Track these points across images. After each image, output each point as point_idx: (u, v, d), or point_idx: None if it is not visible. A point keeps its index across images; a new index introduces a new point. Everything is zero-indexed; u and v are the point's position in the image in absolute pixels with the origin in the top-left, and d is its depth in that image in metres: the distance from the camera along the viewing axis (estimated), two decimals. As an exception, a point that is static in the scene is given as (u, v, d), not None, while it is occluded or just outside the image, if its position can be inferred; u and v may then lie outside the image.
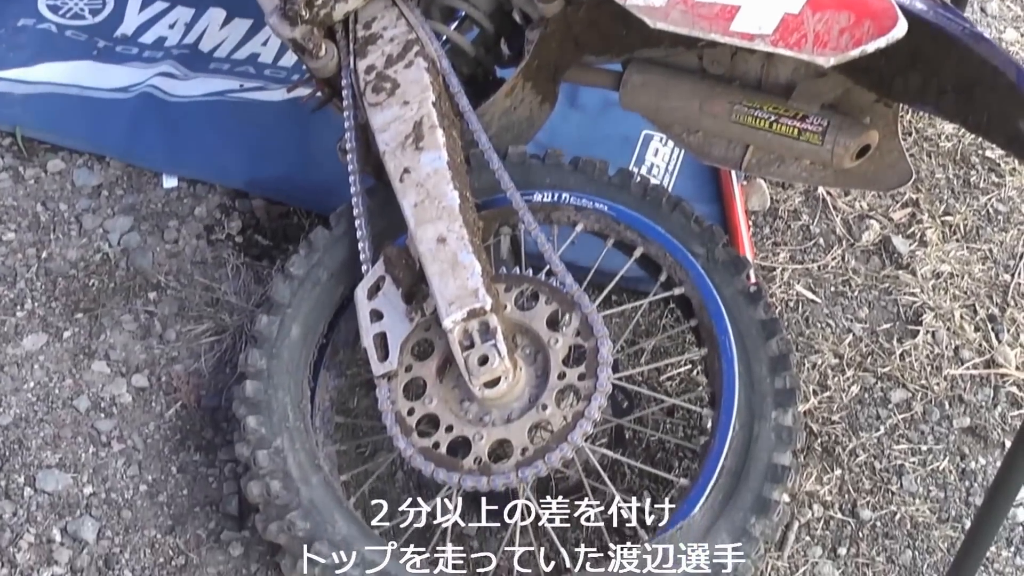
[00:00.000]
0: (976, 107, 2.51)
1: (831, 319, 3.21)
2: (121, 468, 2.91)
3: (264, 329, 2.76)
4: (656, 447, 2.97)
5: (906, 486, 2.92)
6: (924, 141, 3.60)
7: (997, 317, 3.21)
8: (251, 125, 3.57)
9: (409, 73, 2.81)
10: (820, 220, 3.41)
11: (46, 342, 3.11)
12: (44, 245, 3.31)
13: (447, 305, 2.51)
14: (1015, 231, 3.40)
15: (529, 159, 2.89)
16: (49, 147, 3.58)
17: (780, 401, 2.59)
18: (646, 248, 2.80)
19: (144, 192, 3.47)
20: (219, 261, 3.30)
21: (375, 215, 2.81)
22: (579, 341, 2.54)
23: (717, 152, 2.96)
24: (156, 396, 3.04)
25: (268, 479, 2.57)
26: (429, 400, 2.58)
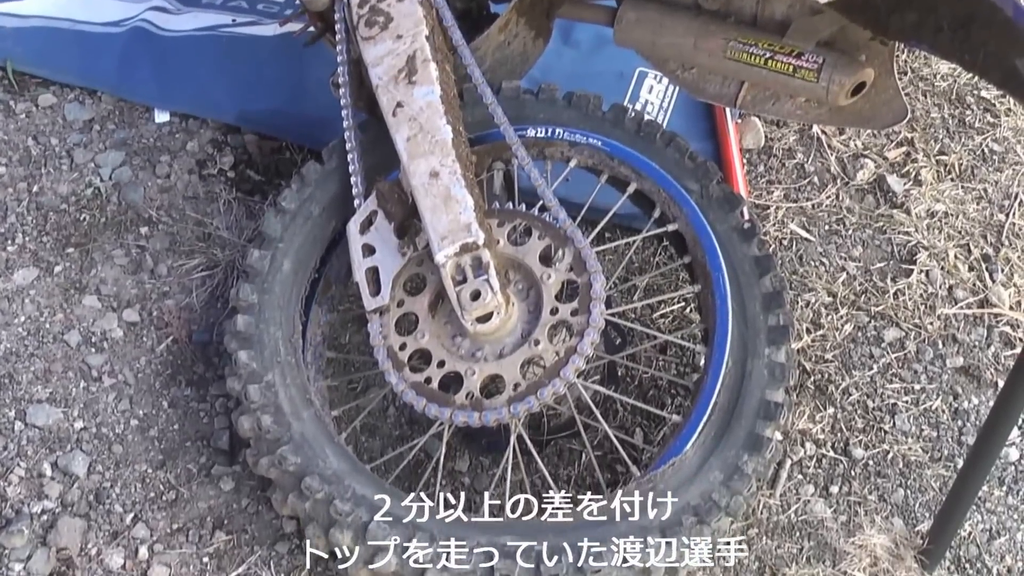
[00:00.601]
0: (972, 45, 2.48)
1: (825, 257, 3.19)
2: (112, 403, 2.89)
3: (256, 263, 2.74)
4: (649, 384, 2.95)
5: (899, 425, 2.91)
6: (919, 81, 3.57)
7: (991, 257, 3.19)
8: (243, 60, 3.54)
9: (402, 7, 2.77)
10: (815, 159, 3.39)
11: (37, 276, 3.08)
12: (35, 179, 3.28)
13: (439, 239, 2.49)
14: (1010, 171, 3.38)
15: (523, 94, 2.87)
16: (40, 81, 3.54)
17: (773, 338, 2.57)
18: (640, 184, 2.77)
19: (136, 127, 3.44)
20: (211, 196, 3.27)
21: (367, 149, 2.79)
22: (572, 276, 2.52)
23: (712, 89, 2.92)
24: (147, 331, 3.02)
25: (259, 413, 2.55)
26: (421, 335, 2.56)
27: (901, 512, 2.81)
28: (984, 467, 2.48)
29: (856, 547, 2.72)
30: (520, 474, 2.60)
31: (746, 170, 3.32)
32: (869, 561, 2.70)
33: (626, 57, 3.04)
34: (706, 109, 3.39)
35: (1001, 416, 2.38)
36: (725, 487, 2.44)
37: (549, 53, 3.10)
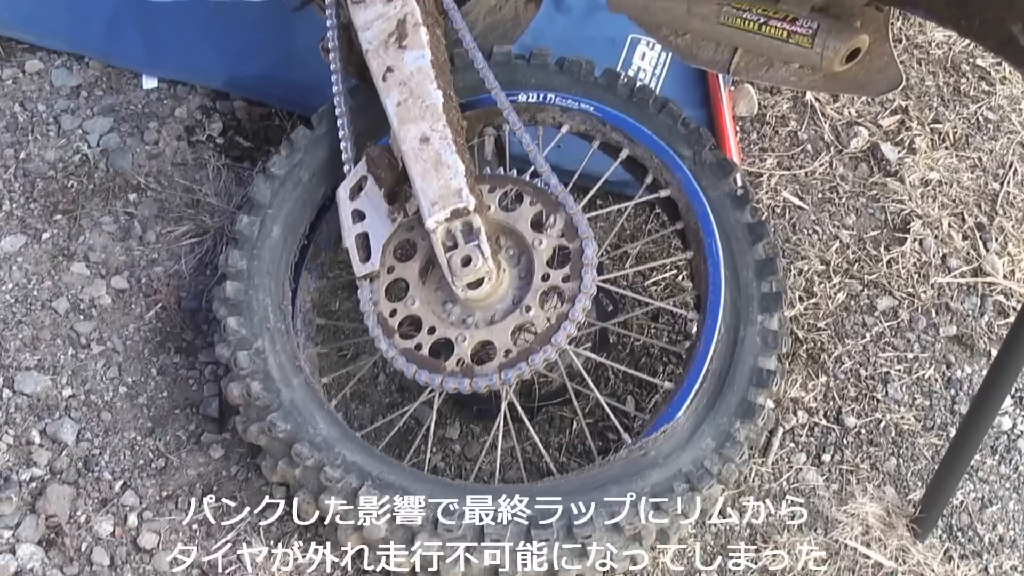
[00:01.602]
0: (968, 10, 2.48)
1: (818, 225, 3.19)
2: (100, 370, 2.89)
3: (245, 229, 2.73)
4: (641, 351, 2.96)
5: (891, 394, 2.92)
6: (914, 48, 3.57)
7: (985, 226, 3.20)
8: (232, 25, 3.50)
9: (393, -30, 2.77)
10: (808, 126, 3.38)
11: (24, 243, 3.07)
12: (22, 146, 3.27)
13: (430, 205, 2.49)
14: (1004, 140, 3.38)
15: (514, 59, 2.87)
16: (27, 47, 3.52)
17: (766, 305, 2.58)
18: (632, 150, 2.77)
19: (124, 93, 3.43)
20: (200, 163, 3.26)
21: (357, 115, 2.79)
22: (563, 242, 2.52)
23: (705, 55, 2.91)
24: (136, 298, 3.01)
25: (248, 380, 2.55)
26: (411, 301, 2.56)
27: (893, 481, 2.82)
28: (976, 436, 2.49)
29: (848, 515, 2.73)
30: (511, 441, 2.60)
31: (739, 137, 3.32)
32: (861, 529, 2.71)
33: (618, 23, 3.02)
34: (699, 76, 3.38)
35: (994, 385, 2.38)
36: (717, 454, 2.44)
37: (541, 18, 3.09)
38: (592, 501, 2.38)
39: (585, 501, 2.38)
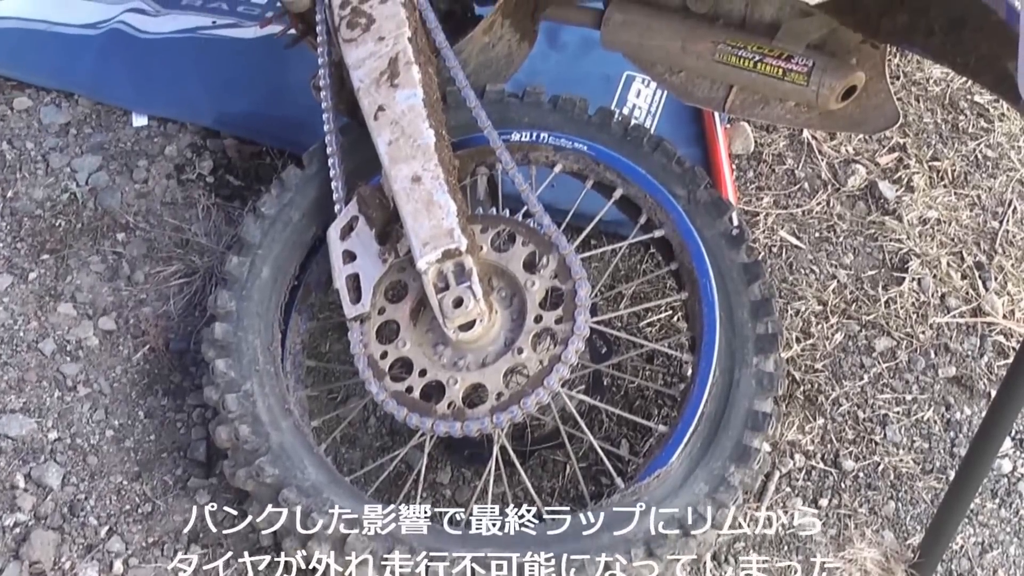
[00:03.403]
0: (964, 47, 2.49)
1: (815, 265, 3.19)
2: (87, 413, 2.89)
3: (234, 270, 2.73)
4: (635, 394, 2.95)
5: (890, 436, 2.91)
6: (912, 85, 3.57)
7: (984, 264, 3.19)
8: (222, 62, 3.54)
9: (385, 8, 2.76)
10: (805, 164, 3.39)
11: (11, 283, 3.08)
12: (10, 184, 3.28)
13: (421, 246, 2.48)
14: (1004, 177, 3.38)
15: (507, 97, 2.86)
16: (15, 84, 3.55)
17: (762, 347, 2.56)
18: (626, 189, 2.77)
19: (113, 130, 3.44)
20: (189, 201, 3.27)
21: (349, 154, 2.78)
22: (556, 283, 2.52)
23: (700, 93, 2.92)
24: (124, 339, 3.01)
25: (237, 423, 2.54)
26: (402, 343, 2.55)
27: (892, 525, 2.80)
28: (976, 479, 2.48)
29: (846, 561, 2.72)
30: (503, 486, 2.59)
31: (735, 176, 3.32)
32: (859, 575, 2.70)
33: (614, 60, 3.04)
34: (694, 113, 3.39)
35: (993, 427, 2.37)
36: (711, 499, 2.43)
37: (535, 56, 3.10)
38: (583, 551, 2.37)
39: (574, 551, 2.37)
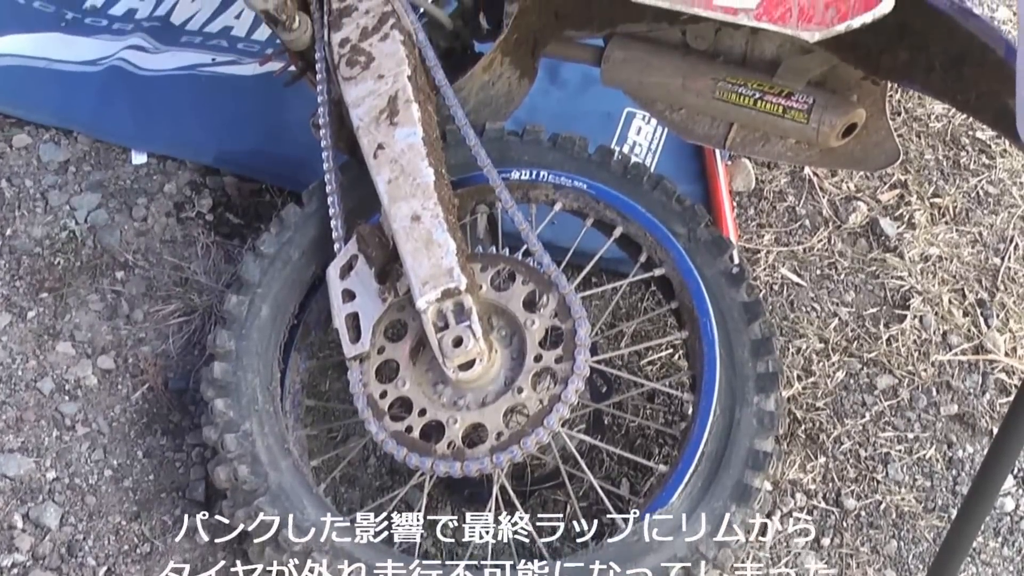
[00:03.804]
0: (964, 84, 2.51)
1: (816, 303, 3.20)
2: (85, 452, 2.90)
3: (233, 309, 2.74)
4: (636, 433, 2.96)
5: (892, 474, 2.92)
6: (913, 121, 3.59)
7: (986, 302, 3.20)
8: (222, 99, 3.56)
9: (384, 46, 2.78)
10: (806, 201, 3.40)
11: (9, 322, 3.09)
12: (8, 222, 3.29)
13: (421, 285, 2.49)
14: (1005, 214, 3.39)
15: (507, 135, 2.87)
16: (15, 121, 3.56)
17: (762, 385, 2.57)
18: (626, 228, 2.78)
19: (112, 168, 3.45)
20: (189, 240, 3.28)
21: (348, 192, 2.79)
22: (556, 323, 2.53)
23: (700, 130, 2.94)
24: (122, 378, 3.02)
25: (236, 463, 2.55)
26: (402, 383, 2.56)
27: (894, 564, 2.81)
28: (978, 517, 2.48)
29: (848, 600, 2.73)
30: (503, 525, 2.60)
31: (736, 213, 3.33)
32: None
33: (614, 97, 3.07)
34: (695, 151, 3.41)
35: (995, 464, 2.37)
36: (712, 539, 2.43)
37: (536, 93, 3.11)
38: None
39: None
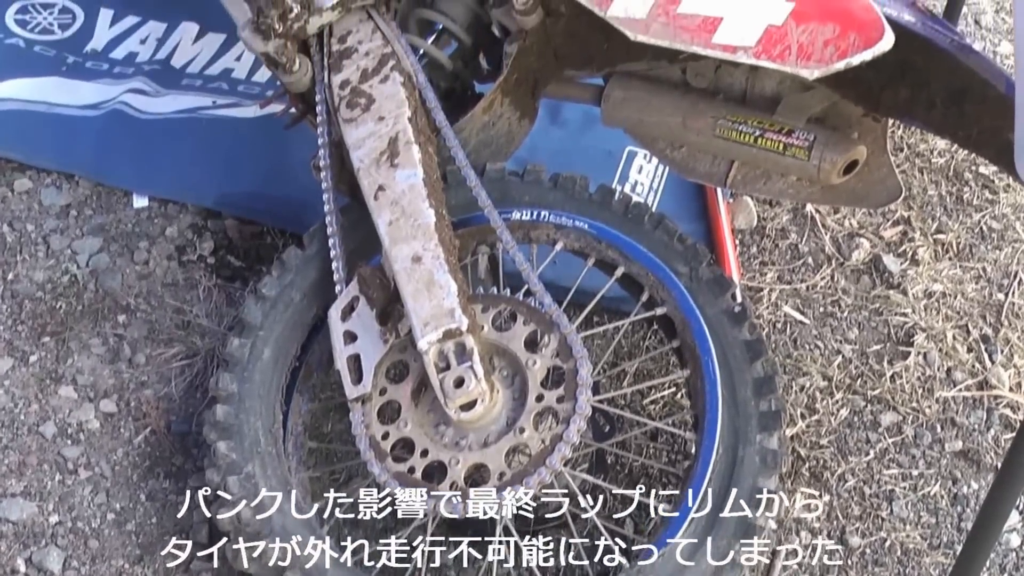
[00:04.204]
0: (966, 120, 2.54)
1: (820, 340, 3.22)
2: (88, 496, 2.92)
3: (235, 351, 2.77)
4: (639, 472, 2.97)
5: (896, 512, 2.93)
6: (916, 157, 3.61)
7: (991, 337, 3.22)
8: (223, 142, 3.59)
9: (384, 88, 2.82)
10: (809, 239, 3.42)
11: (11, 366, 3.12)
12: (10, 267, 3.33)
13: (422, 326, 2.52)
14: (1009, 249, 3.42)
15: (508, 176, 2.90)
16: (16, 166, 3.59)
17: (765, 424, 2.59)
18: (627, 267, 2.80)
19: (114, 212, 3.48)
20: (191, 283, 3.31)
21: (349, 234, 2.82)
22: (558, 362, 2.55)
23: (701, 168, 2.97)
24: (125, 422, 3.05)
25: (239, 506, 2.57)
26: (404, 424, 2.58)
27: (900, 602, 2.83)
28: (983, 554, 2.49)
29: (854, 639, 2.74)
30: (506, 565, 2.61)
31: (738, 251, 3.36)
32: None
33: (615, 136, 3.10)
34: (697, 189, 3.43)
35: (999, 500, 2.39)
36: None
37: (536, 132, 3.14)
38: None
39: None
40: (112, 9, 4.04)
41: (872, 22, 2.36)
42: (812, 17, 2.40)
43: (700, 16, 2.49)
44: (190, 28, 3.95)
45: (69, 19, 4.01)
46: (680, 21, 2.50)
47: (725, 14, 2.47)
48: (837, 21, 2.38)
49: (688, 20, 2.49)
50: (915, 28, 2.48)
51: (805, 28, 2.39)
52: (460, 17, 3.01)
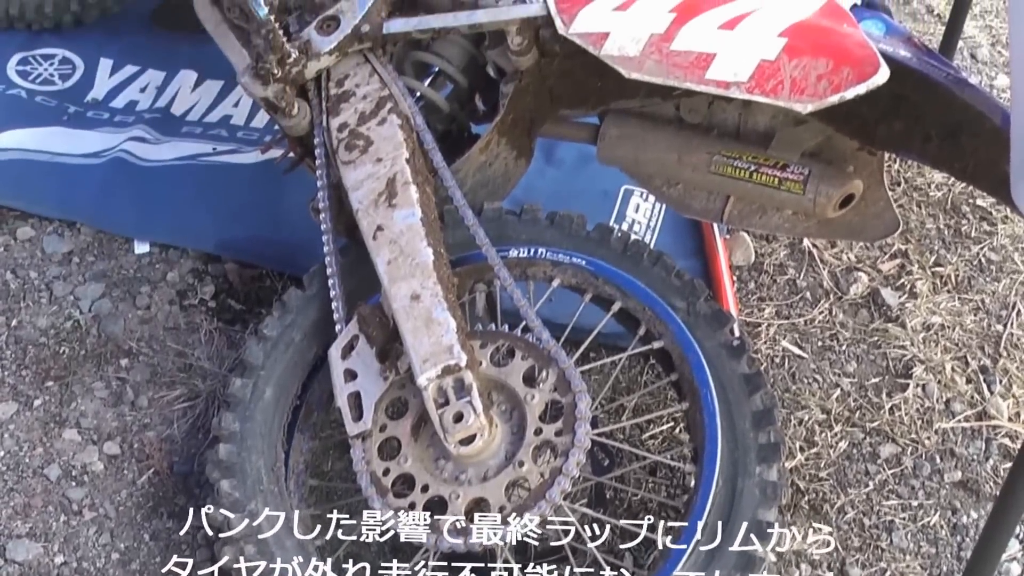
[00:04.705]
0: (962, 153, 2.58)
1: (818, 374, 3.27)
2: (92, 536, 2.96)
3: (237, 391, 2.81)
4: (639, 506, 3.01)
5: (896, 542, 2.97)
6: (914, 191, 3.67)
7: (989, 368, 3.27)
8: (223, 188, 3.65)
9: (382, 130, 2.88)
10: (807, 274, 3.48)
11: (16, 411, 3.18)
12: (14, 313, 3.39)
13: (421, 362, 2.56)
14: (1007, 280, 3.47)
15: (505, 214, 2.95)
16: (18, 214, 3.67)
17: (764, 456, 2.62)
18: (624, 302, 2.84)
19: (115, 258, 3.55)
20: (192, 326, 3.37)
21: (348, 274, 2.87)
22: (556, 396, 2.59)
23: (697, 204, 3.02)
24: (128, 463, 3.10)
25: (242, 543, 2.62)
26: (404, 459, 2.63)
27: (902, 632, 2.87)
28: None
29: (856, 670, 2.77)
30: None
31: (736, 287, 3.41)
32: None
33: (611, 175, 3.15)
34: (694, 226, 3.49)
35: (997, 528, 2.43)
36: (717, 610, 2.49)
37: (532, 172, 3.18)
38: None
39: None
40: (112, 59, 4.14)
41: (866, 57, 2.42)
42: (805, 52, 2.46)
43: (693, 53, 2.55)
44: (189, 76, 4.05)
45: (69, 69, 4.10)
46: (673, 58, 2.55)
47: (718, 50, 2.52)
48: (830, 56, 2.44)
49: (681, 57, 2.55)
50: (910, 63, 2.53)
51: (798, 63, 2.45)
52: (456, 59, 3.07)
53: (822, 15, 2.55)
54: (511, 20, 2.81)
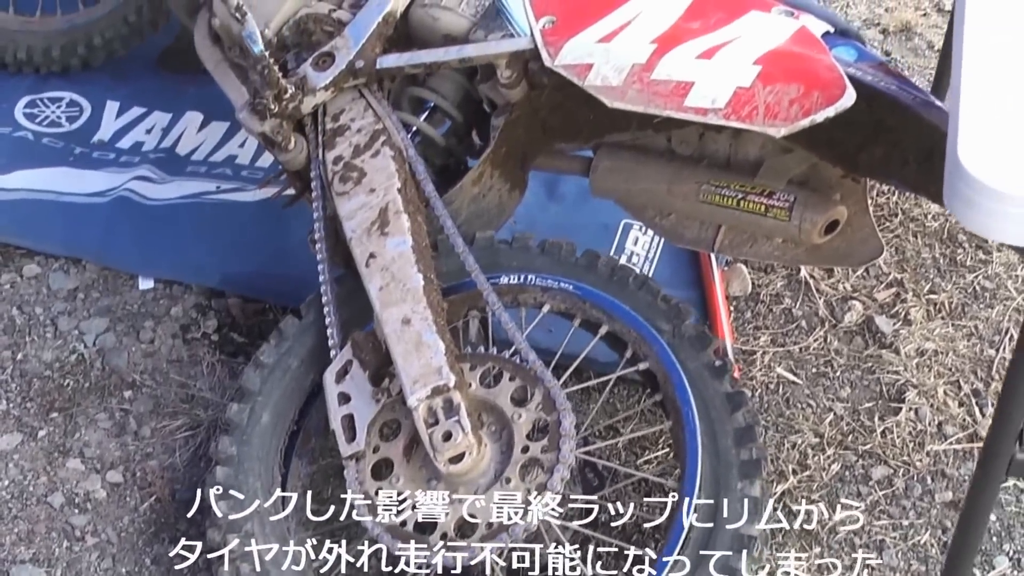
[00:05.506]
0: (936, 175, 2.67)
1: (812, 399, 3.39)
2: (95, 562, 3.10)
3: (235, 416, 2.96)
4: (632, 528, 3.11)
5: (886, 560, 3.07)
6: (910, 222, 3.78)
7: (981, 392, 3.38)
8: (225, 225, 3.80)
9: (375, 162, 3.02)
10: (803, 303, 3.60)
11: (21, 441, 3.33)
12: (20, 347, 3.55)
13: (411, 383, 2.71)
14: (1001, 306, 3.58)
15: (497, 243, 3.09)
16: (25, 252, 3.82)
17: (746, 472, 2.75)
18: (611, 325, 2.98)
19: (120, 294, 3.70)
20: (195, 359, 3.52)
21: (344, 303, 3.01)
22: (542, 415, 2.73)
23: (690, 234, 3.14)
24: (131, 491, 3.23)
25: (239, 563, 2.77)
26: (397, 479, 2.77)
27: (891, 649, 2.96)
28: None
29: None
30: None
31: (732, 317, 3.53)
32: None
33: (611, 210, 3.27)
34: (691, 258, 3.61)
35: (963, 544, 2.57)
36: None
37: (534, 207, 3.32)
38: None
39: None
40: (118, 101, 4.29)
41: (834, 80, 2.55)
42: (778, 78, 2.60)
43: (673, 81, 2.68)
44: (195, 117, 4.20)
45: (76, 112, 4.26)
46: (654, 87, 2.69)
47: (696, 79, 2.66)
48: (801, 81, 2.58)
49: (661, 86, 2.69)
50: (878, 85, 2.66)
51: (772, 89, 2.59)
52: (451, 94, 3.21)
53: (794, 42, 2.69)
54: (500, 54, 2.95)
